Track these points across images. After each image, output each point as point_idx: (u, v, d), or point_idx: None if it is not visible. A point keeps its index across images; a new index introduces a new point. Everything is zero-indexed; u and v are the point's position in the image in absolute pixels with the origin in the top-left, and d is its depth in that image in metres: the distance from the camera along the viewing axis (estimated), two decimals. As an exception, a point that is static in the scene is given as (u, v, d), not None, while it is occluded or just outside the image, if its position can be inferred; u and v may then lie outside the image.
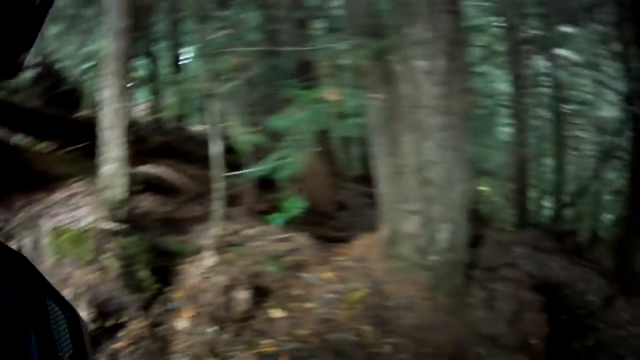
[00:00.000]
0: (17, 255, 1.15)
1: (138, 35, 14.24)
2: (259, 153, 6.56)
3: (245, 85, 8.85)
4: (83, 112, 11.49)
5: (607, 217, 22.15)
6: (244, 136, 6.30)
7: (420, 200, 6.54)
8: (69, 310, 1.19)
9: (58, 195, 7.10)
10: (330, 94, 5.62)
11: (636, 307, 9.45)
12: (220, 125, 6.63)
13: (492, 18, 16.24)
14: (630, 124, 13.35)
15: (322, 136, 12.00)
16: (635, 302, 9.78)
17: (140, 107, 16.55)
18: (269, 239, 7.61)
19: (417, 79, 6.27)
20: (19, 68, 1.06)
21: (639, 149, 12.20)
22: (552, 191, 19.70)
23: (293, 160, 5.88)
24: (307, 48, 6.08)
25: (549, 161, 21.70)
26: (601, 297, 9.02)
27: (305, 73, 8.55)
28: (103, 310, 5.25)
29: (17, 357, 0.95)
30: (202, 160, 7.28)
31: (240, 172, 6.46)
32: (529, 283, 8.63)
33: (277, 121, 5.93)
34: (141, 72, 17.11)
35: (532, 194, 20.79)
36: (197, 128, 13.97)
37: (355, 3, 7.69)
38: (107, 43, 6.27)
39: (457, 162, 6.43)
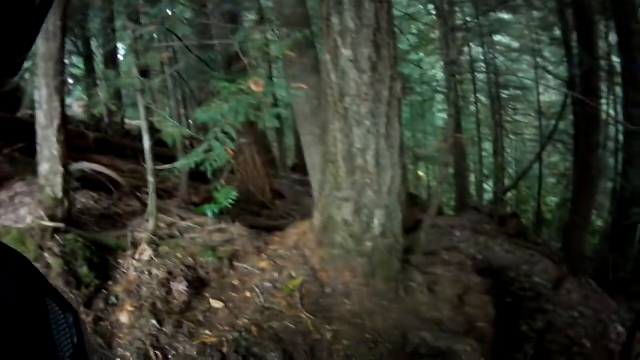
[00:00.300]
0: (17, 255, 1.14)
1: (73, 33, 14.30)
2: (190, 146, 6.60)
3: (174, 79, 8.88)
4: (24, 112, 11.46)
5: (552, 200, 22.43)
6: (172, 129, 6.30)
7: (352, 187, 6.57)
8: (69, 310, 1.19)
9: (2, 196, 7.10)
10: (254, 85, 5.64)
11: (587, 289, 9.56)
12: (150, 119, 6.65)
13: (426, 5, 16.33)
14: (572, 108, 13.52)
15: (255, 127, 12.07)
16: (585, 284, 9.90)
17: (78, 105, 16.57)
18: (205, 231, 7.64)
19: (343, 67, 6.31)
20: (19, 68, 1.05)
21: (581, 132, 12.34)
22: (492, 175, 19.89)
23: (220, 152, 5.89)
24: (234, 40, 6.06)
25: (488, 146, 21.96)
26: (549, 280, 9.10)
27: (233, 65, 8.60)
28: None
29: (17, 357, 0.95)
30: (138, 155, 7.31)
31: (170, 165, 6.46)
32: (472, 267, 8.69)
33: (202, 114, 5.95)
34: (77, 70, 17.13)
35: (472, 178, 21.04)
36: (133, 123, 14.01)
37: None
38: (39, 44, 6.24)
39: (387, 148, 6.47)
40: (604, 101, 14.00)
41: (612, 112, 14.41)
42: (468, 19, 15.88)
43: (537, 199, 19.06)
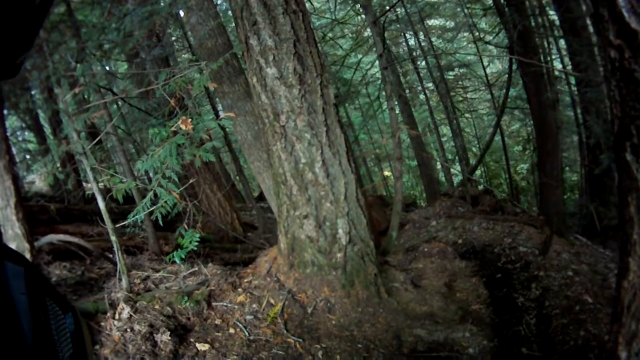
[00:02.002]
0: (19, 256, 1.17)
1: (18, 109, 14.21)
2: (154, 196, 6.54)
3: (114, 135, 8.81)
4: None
5: (522, 167, 22.56)
6: (120, 185, 6.22)
7: (308, 203, 6.54)
8: (69, 311, 1.22)
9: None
10: (182, 124, 5.58)
11: (577, 246, 9.54)
12: (98, 180, 6.57)
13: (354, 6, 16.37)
14: (519, 73, 13.61)
15: (209, 165, 12.05)
16: (575, 241, 9.88)
17: (40, 179, 16.45)
18: (179, 278, 7.60)
19: (271, 86, 6.29)
20: (19, 68, 1.07)
21: (532, 94, 12.41)
22: (456, 157, 19.98)
23: (166, 197, 5.82)
24: (162, 84, 6.00)
25: (446, 130, 22.06)
26: (534, 246, 9.07)
27: (165, 108, 8.57)
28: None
29: (18, 357, 0.96)
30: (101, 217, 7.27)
31: (124, 222, 6.37)
32: (454, 252, 8.68)
33: (142, 163, 5.87)
34: (31, 145, 17.04)
35: (439, 165, 21.12)
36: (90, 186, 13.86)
37: (200, 26, 7.73)
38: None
39: (333, 156, 6.44)
40: (552, 57, 14.10)
41: (559, 65, 14.48)
42: (398, 10, 15.99)
43: (506, 170, 19.02)
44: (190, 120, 5.60)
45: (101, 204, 6.46)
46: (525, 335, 6.52)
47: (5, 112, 12.69)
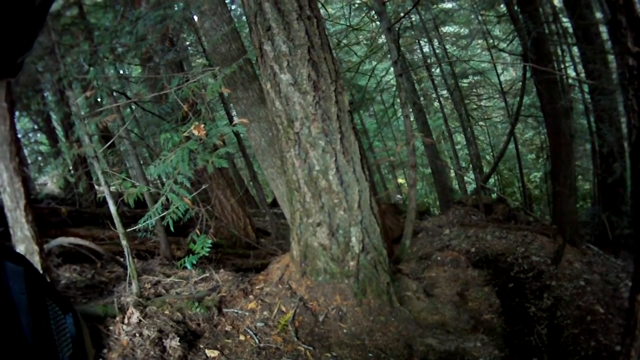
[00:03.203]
0: (19, 256, 1.17)
1: (31, 111, 14.22)
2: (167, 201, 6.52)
3: (127, 139, 8.78)
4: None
5: (535, 175, 22.45)
6: (132, 190, 6.19)
7: (321, 210, 6.50)
8: (69, 311, 1.22)
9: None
10: (195, 130, 5.54)
11: (588, 255, 9.47)
12: (110, 183, 6.56)
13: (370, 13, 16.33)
14: (533, 80, 13.53)
15: (223, 171, 12.02)
16: (587, 251, 9.80)
17: (52, 182, 16.46)
18: (190, 283, 7.57)
19: (285, 92, 6.25)
20: (19, 68, 1.09)
21: (546, 101, 12.33)
22: (470, 165, 19.92)
23: (178, 203, 5.78)
24: (175, 88, 5.95)
25: (460, 138, 21.98)
26: (547, 255, 9.00)
27: (178, 113, 8.54)
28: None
29: (18, 357, 0.95)
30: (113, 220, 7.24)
31: (135, 226, 6.33)
32: (467, 261, 8.61)
33: (154, 168, 5.84)
34: (43, 147, 17.04)
35: (452, 173, 21.06)
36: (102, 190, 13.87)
37: (214, 31, 7.70)
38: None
39: (347, 163, 6.39)
40: (566, 64, 14.03)
41: (573, 73, 14.39)
42: (412, 17, 15.94)
43: (520, 179, 18.92)
44: (203, 125, 5.55)
45: (112, 208, 6.44)
46: (536, 345, 6.48)
47: (16, 113, 12.70)
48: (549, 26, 13.02)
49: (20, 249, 6.36)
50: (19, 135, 9.59)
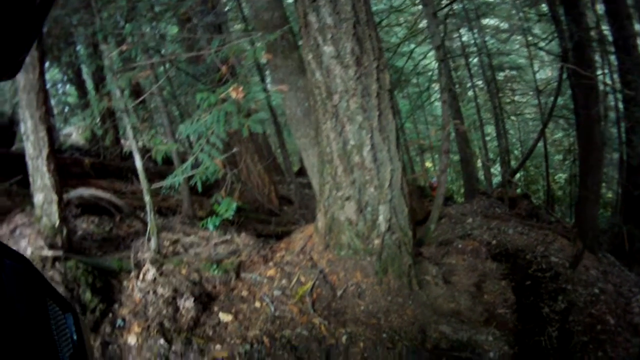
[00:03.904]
0: (18, 256, 1.15)
1: (61, 62, 14.24)
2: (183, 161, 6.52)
3: (159, 96, 8.76)
4: (19, 146, 11.39)
5: (560, 176, 22.31)
6: (161, 146, 6.17)
7: (352, 185, 6.46)
8: (69, 311, 1.21)
9: (2, 229, 7.00)
10: (233, 92, 5.50)
11: (604, 264, 9.40)
12: (139, 138, 6.55)
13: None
14: (569, 83, 13.39)
15: (253, 136, 12.01)
16: (603, 259, 9.73)
17: (77, 133, 16.51)
18: (210, 244, 7.55)
19: (327, 64, 6.19)
20: (19, 68, 1.05)
21: (580, 106, 12.20)
22: (498, 158, 19.83)
23: (208, 164, 5.76)
24: (215, 50, 5.92)
25: (490, 129, 21.88)
26: (565, 258, 8.93)
27: (213, 75, 8.52)
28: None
29: (18, 357, 0.95)
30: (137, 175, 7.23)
31: (161, 183, 6.32)
32: (487, 253, 8.56)
33: (186, 127, 5.81)
34: (71, 99, 17.06)
35: (479, 163, 20.96)
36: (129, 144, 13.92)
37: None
38: (18, 76, 6.14)
39: (382, 142, 6.33)
40: (600, 72, 13.87)
41: (609, 81, 14.22)
42: (455, 6, 15.82)
43: (545, 177, 18.81)
44: (241, 88, 5.51)
45: (138, 163, 6.44)
46: (545, 347, 6.45)
47: (47, 64, 12.71)
48: (589, 32, 12.87)
49: (39, 197, 6.39)
50: (48, 86, 9.59)
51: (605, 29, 13.70)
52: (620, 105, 13.93)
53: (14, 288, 1.03)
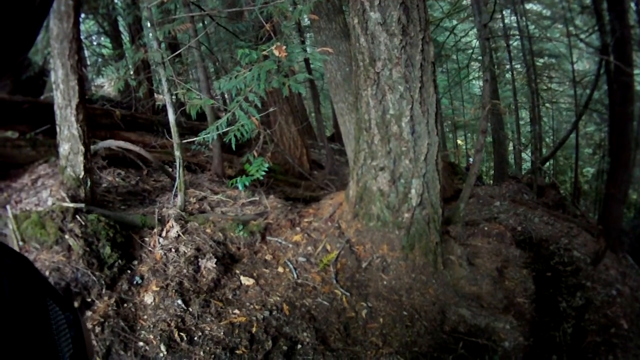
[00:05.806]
0: (17, 255, 1.11)
1: (97, 13, 14.18)
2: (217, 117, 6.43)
3: (200, 51, 8.65)
4: (47, 95, 11.33)
5: (588, 170, 22.25)
6: (196, 101, 6.07)
7: (387, 155, 6.36)
8: (69, 310, 1.16)
9: (24, 180, 6.96)
10: (276, 50, 5.38)
11: (623, 265, 9.29)
12: (173, 92, 6.45)
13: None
14: (606, 78, 13.26)
15: (289, 97, 11.92)
16: (623, 260, 9.62)
17: (107, 82, 16.50)
18: (237, 204, 7.47)
19: (372, 31, 6.07)
20: (19, 67, 0.96)
21: (616, 103, 12.04)
22: (530, 144, 19.82)
23: (245, 121, 5.65)
24: (260, 6, 5.81)
25: (524, 114, 21.82)
26: (587, 254, 8.82)
27: (253, 33, 8.41)
28: (68, 292, 5.06)
29: (17, 357, 0.91)
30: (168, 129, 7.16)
31: (194, 138, 6.23)
32: (511, 238, 8.47)
33: (225, 83, 5.70)
34: (106, 50, 17.03)
35: (511, 147, 20.91)
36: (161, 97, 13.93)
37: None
38: (52, 24, 6.07)
39: (422, 114, 6.22)
40: (637, 71, 13.71)
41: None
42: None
43: (574, 170, 18.74)
44: (284, 47, 5.39)
45: (171, 117, 6.36)
46: (559, 342, 6.36)
47: (82, 15, 12.64)
48: (630, 30, 12.69)
49: (65, 148, 6.32)
50: (82, 37, 9.51)
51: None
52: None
53: (14, 288, 0.98)
